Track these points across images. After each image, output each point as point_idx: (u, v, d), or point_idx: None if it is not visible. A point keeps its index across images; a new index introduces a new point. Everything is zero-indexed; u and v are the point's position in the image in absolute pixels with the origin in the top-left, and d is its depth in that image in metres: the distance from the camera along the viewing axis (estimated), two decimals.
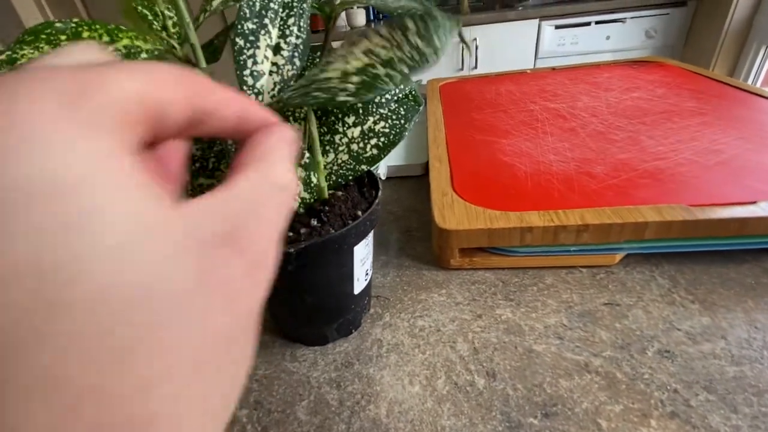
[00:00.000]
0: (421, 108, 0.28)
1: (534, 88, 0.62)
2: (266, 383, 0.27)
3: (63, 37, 0.21)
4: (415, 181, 0.51)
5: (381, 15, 1.82)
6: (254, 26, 0.24)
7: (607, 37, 1.66)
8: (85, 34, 0.22)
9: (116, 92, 0.08)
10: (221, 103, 0.10)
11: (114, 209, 0.07)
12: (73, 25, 0.21)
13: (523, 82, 0.66)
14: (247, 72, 0.24)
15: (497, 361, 0.27)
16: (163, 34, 0.26)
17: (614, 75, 0.63)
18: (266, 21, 0.25)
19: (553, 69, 0.71)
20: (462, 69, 1.72)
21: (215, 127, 0.11)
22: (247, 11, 0.24)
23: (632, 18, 1.62)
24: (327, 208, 0.24)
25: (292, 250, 0.22)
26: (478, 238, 0.32)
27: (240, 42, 0.24)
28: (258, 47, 0.24)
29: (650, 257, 0.34)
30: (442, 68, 1.65)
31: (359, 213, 0.24)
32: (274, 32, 0.25)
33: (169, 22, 0.27)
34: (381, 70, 0.18)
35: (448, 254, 0.34)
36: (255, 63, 0.24)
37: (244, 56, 0.24)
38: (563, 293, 0.31)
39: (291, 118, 0.28)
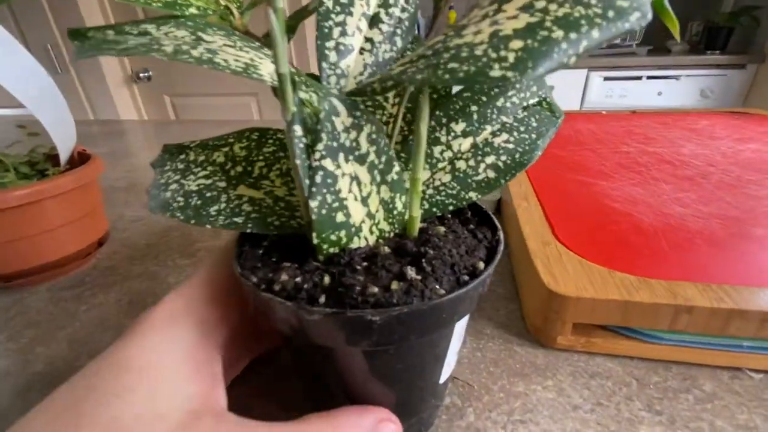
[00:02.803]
0: (560, 121, 0.20)
1: (618, 129, 0.54)
2: None
3: None
4: None
5: None
6: None
7: (659, 93, 1.60)
8: None
9: None
10: None
11: None
12: None
13: (602, 122, 0.58)
14: (331, 44, 0.17)
15: None
16: None
17: (714, 123, 0.55)
18: None
19: (634, 112, 0.63)
20: None
21: None
22: None
23: (687, 76, 1.56)
24: (431, 252, 0.15)
25: (375, 318, 0.13)
26: (608, 313, 0.23)
27: (328, 3, 0.17)
28: (350, 13, 0.17)
29: None
30: None
31: (480, 265, 0.15)
32: None
33: None
34: (557, 32, 0.10)
35: (556, 328, 0.24)
36: (343, 34, 0.17)
37: (331, 22, 0.17)
38: (736, 410, 0.21)
39: (378, 111, 0.20)
